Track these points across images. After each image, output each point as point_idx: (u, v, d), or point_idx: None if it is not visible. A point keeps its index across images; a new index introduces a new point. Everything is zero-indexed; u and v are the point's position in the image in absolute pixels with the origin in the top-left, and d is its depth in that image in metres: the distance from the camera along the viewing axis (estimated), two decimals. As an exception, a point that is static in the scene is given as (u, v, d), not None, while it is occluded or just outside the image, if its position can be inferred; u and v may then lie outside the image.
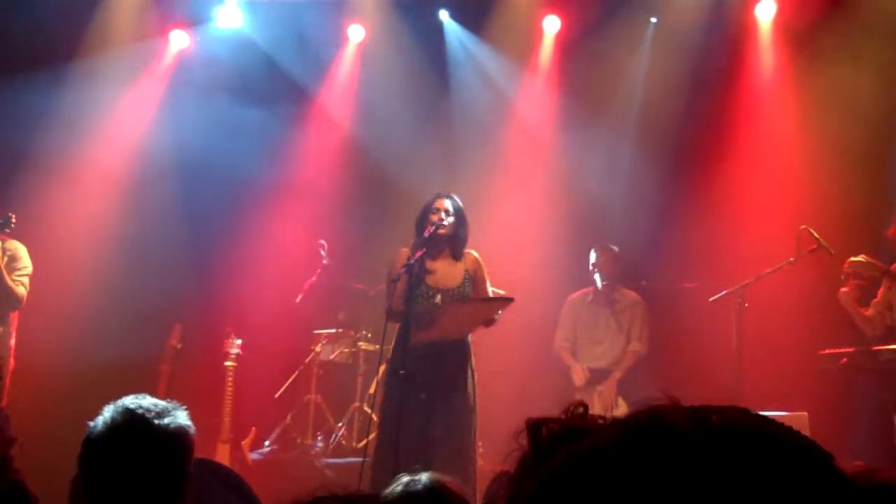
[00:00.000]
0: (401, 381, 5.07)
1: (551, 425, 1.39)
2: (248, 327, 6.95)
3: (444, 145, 7.73)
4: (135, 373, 6.13)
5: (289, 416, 7.15)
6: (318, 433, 7.13)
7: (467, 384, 5.29)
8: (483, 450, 5.35)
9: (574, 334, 6.80)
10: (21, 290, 6.02)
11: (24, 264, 6.09)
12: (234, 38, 7.78)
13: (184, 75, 7.73)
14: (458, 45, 8.06)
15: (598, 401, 6.41)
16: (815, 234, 5.79)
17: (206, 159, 7.26)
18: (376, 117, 7.90)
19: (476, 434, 5.30)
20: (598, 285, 6.76)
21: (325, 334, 7.39)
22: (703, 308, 6.32)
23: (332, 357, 7.37)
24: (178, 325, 6.66)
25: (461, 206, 5.44)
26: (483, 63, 7.98)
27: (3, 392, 5.41)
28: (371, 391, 6.82)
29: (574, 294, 6.91)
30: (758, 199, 7.06)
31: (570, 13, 7.77)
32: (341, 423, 7.05)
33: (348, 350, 7.41)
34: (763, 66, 7.48)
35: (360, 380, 7.24)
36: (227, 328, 6.80)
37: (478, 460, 5.38)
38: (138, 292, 7.11)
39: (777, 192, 7.03)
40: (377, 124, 7.89)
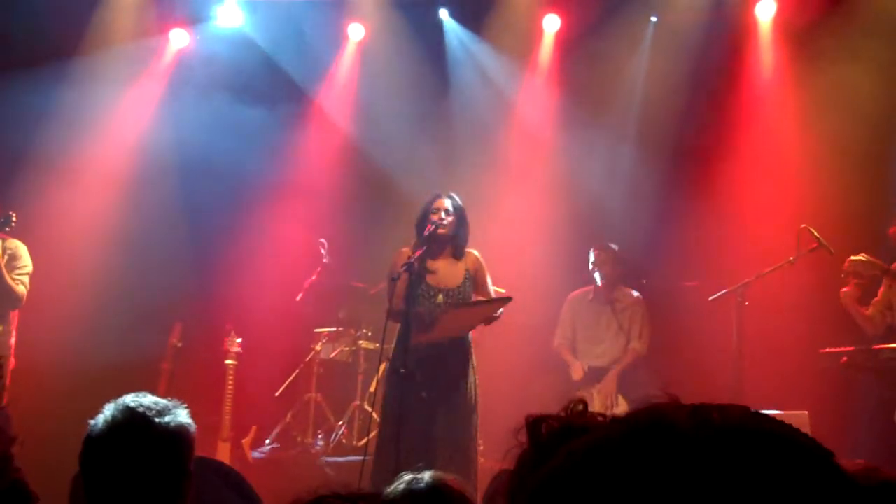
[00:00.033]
0: (401, 380, 5.07)
1: (551, 422, 1.39)
2: (249, 326, 6.95)
3: (443, 144, 7.72)
4: (135, 371, 6.13)
5: (289, 415, 7.15)
6: (319, 432, 7.13)
7: (468, 383, 5.28)
8: (484, 448, 5.35)
9: (573, 332, 6.80)
10: (21, 289, 6.02)
11: (24, 263, 6.09)
12: (234, 37, 7.77)
13: (184, 74, 7.73)
14: (457, 44, 8.05)
15: (598, 398, 6.41)
16: (816, 233, 5.79)
17: (207, 158, 7.26)
18: (376, 116, 7.90)
19: (477, 433, 5.29)
20: (599, 284, 6.76)
21: (326, 333, 7.39)
22: (704, 307, 6.32)
23: (333, 355, 7.37)
24: (179, 324, 6.66)
25: (461, 206, 5.42)
26: (483, 62, 7.97)
27: (3, 391, 5.40)
28: (371, 390, 6.83)
29: (574, 292, 6.91)
30: (758, 198, 7.06)
31: (570, 12, 7.76)
32: (342, 422, 7.05)
33: (349, 348, 7.41)
34: (763, 66, 7.48)
35: (360, 378, 7.24)
36: (227, 326, 6.80)
37: (479, 459, 5.37)
38: (139, 291, 7.11)
39: (777, 191, 7.03)
40: (377, 123, 7.88)
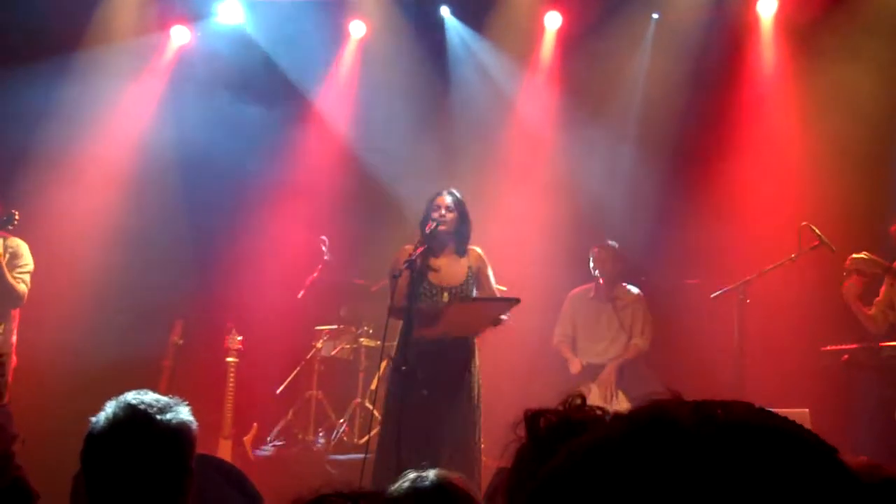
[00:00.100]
0: (403, 378, 5.06)
1: (549, 417, 1.39)
2: (250, 323, 6.95)
3: (444, 142, 7.72)
4: (136, 369, 6.13)
5: (290, 413, 7.15)
6: (320, 429, 7.13)
7: (472, 381, 5.25)
8: (486, 446, 5.34)
9: (574, 330, 6.79)
10: (22, 287, 6.04)
11: (26, 262, 6.10)
12: (234, 34, 7.76)
13: (185, 71, 7.72)
14: (458, 42, 8.04)
15: (597, 391, 6.40)
16: (817, 230, 5.78)
17: (208, 155, 7.26)
18: (377, 114, 7.89)
19: (480, 431, 5.27)
20: (599, 282, 6.76)
21: (327, 330, 7.38)
22: (705, 304, 6.31)
23: (334, 353, 7.37)
24: (180, 322, 6.67)
25: (463, 202, 5.40)
26: (484, 60, 7.96)
27: (5, 389, 5.41)
28: (373, 387, 6.83)
29: (575, 290, 6.90)
30: (759, 195, 7.05)
31: (571, 9, 7.75)
32: (343, 420, 7.05)
33: (350, 346, 7.41)
34: (764, 64, 7.47)
35: (361, 376, 7.24)
36: (228, 324, 6.81)
37: (482, 458, 5.35)
38: (139, 288, 7.11)
39: (778, 189, 7.02)
40: (377, 121, 7.88)
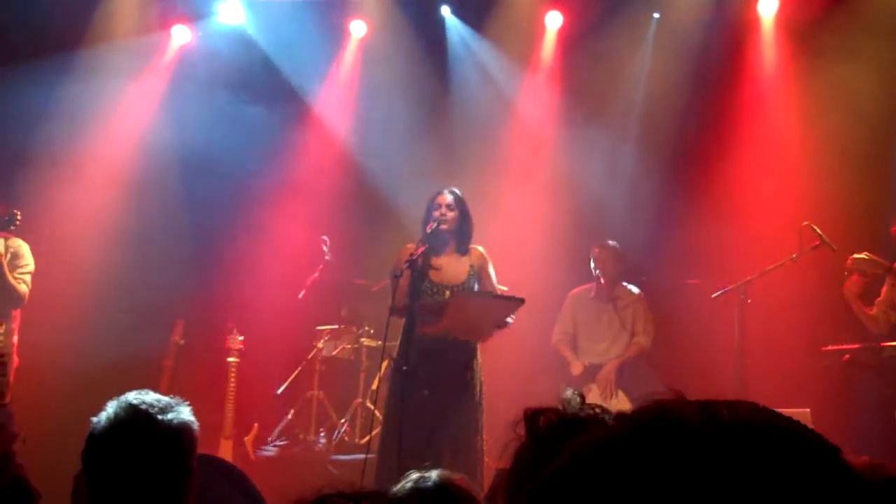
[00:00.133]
0: (404, 378, 5.05)
1: (549, 416, 1.39)
2: (251, 323, 6.95)
3: (444, 142, 7.71)
4: (137, 369, 6.13)
5: (291, 413, 7.15)
6: (321, 429, 7.13)
7: (473, 381, 5.22)
8: (488, 446, 5.33)
9: (574, 329, 6.78)
10: (23, 287, 6.05)
11: (27, 262, 6.11)
12: (235, 34, 7.76)
13: (185, 70, 7.72)
14: (459, 42, 8.04)
15: (596, 388, 6.40)
16: (818, 230, 5.78)
17: (209, 155, 7.25)
18: (377, 113, 7.89)
19: (483, 431, 5.25)
20: (600, 282, 6.75)
21: (328, 330, 7.38)
22: (706, 304, 6.31)
23: (335, 353, 7.37)
24: (181, 322, 6.67)
25: (464, 201, 5.38)
26: (484, 59, 7.96)
27: (6, 389, 5.41)
28: (374, 387, 6.83)
29: (576, 290, 6.89)
30: (760, 195, 7.05)
31: (572, 9, 7.75)
32: (344, 420, 7.05)
33: (351, 346, 7.41)
34: (765, 63, 7.46)
35: (362, 376, 7.24)
36: (229, 324, 6.81)
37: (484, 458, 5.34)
38: (140, 288, 7.11)
39: (779, 188, 7.01)
40: (378, 120, 7.88)
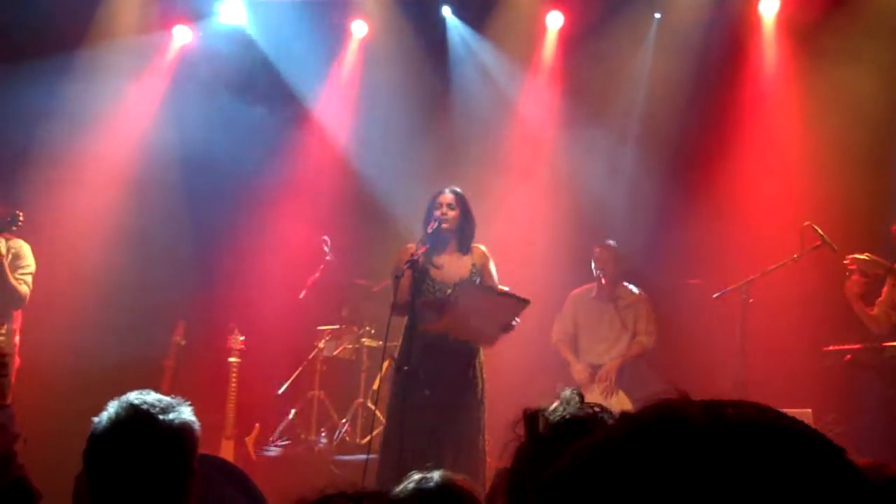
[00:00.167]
0: (404, 378, 5.05)
1: (547, 415, 1.39)
2: (252, 323, 6.95)
3: (445, 142, 7.72)
4: (139, 369, 6.13)
5: (292, 413, 7.15)
6: (322, 429, 7.13)
7: (475, 380, 5.21)
8: (489, 447, 5.32)
9: (574, 329, 6.78)
10: (24, 288, 6.09)
11: (27, 262, 6.14)
12: (236, 34, 7.76)
13: (187, 71, 7.72)
14: (460, 42, 8.04)
15: (597, 388, 6.40)
16: (819, 230, 5.77)
17: (210, 155, 7.25)
18: (378, 113, 7.89)
19: (485, 431, 5.24)
20: (601, 282, 6.75)
21: (329, 330, 7.38)
22: (707, 304, 6.30)
23: (336, 353, 7.37)
24: (182, 322, 6.67)
25: (465, 199, 5.36)
26: (485, 60, 7.96)
27: (7, 390, 5.41)
28: (374, 387, 6.82)
29: (576, 290, 6.89)
30: (761, 195, 7.04)
31: (573, 9, 7.74)
32: (345, 420, 7.05)
33: (352, 346, 7.41)
34: (766, 64, 7.46)
35: (363, 376, 7.25)
36: (230, 324, 6.81)
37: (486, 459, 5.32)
38: (141, 289, 7.11)
39: (780, 188, 7.01)
40: (379, 120, 7.88)
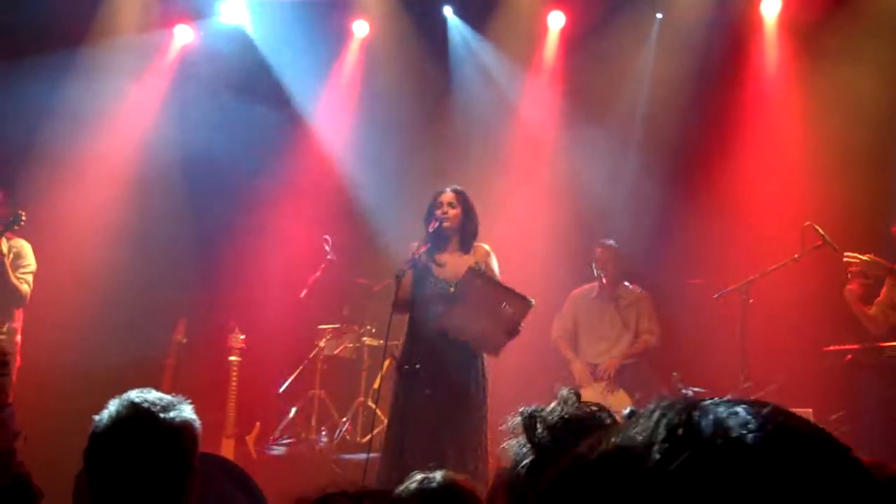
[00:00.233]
0: (405, 377, 5.05)
1: (546, 415, 1.39)
2: (253, 322, 6.95)
3: (446, 142, 7.72)
4: (139, 367, 6.13)
5: (293, 411, 7.16)
6: (323, 428, 7.14)
7: (477, 380, 5.20)
8: (491, 447, 5.31)
9: (574, 327, 6.78)
10: (25, 287, 6.13)
11: (28, 262, 6.18)
12: (237, 34, 7.77)
13: (188, 70, 7.73)
14: (461, 42, 8.04)
15: (597, 386, 6.40)
16: (820, 230, 5.77)
17: (211, 154, 7.26)
18: (379, 113, 7.89)
19: (487, 431, 5.24)
20: (602, 281, 6.75)
21: (330, 329, 7.39)
22: (708, 304, 6.30)
23: (337, 352, 7.38)
24: (183, 321, 6.67)
25: (467, 198, 5.33)
26: (486, 60, 7.96)
27: (9, 389, 5.42)
28: (375, 386, 6.82)
29: (577, 290, 6.89)
30: (762, 195, 7.04)
31: (574, 9, 7.75)
32: (345, 418, 7.06)
33: (352, 345, 7.41)
34: (767, 64, 7.46)
35: (364, 375, 7.25)
36: (231, 323, 6.81)
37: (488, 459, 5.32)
38: (142, 287, 7.12)
39: (781, 188, 7.01)
40: (380, 120, 7.88)
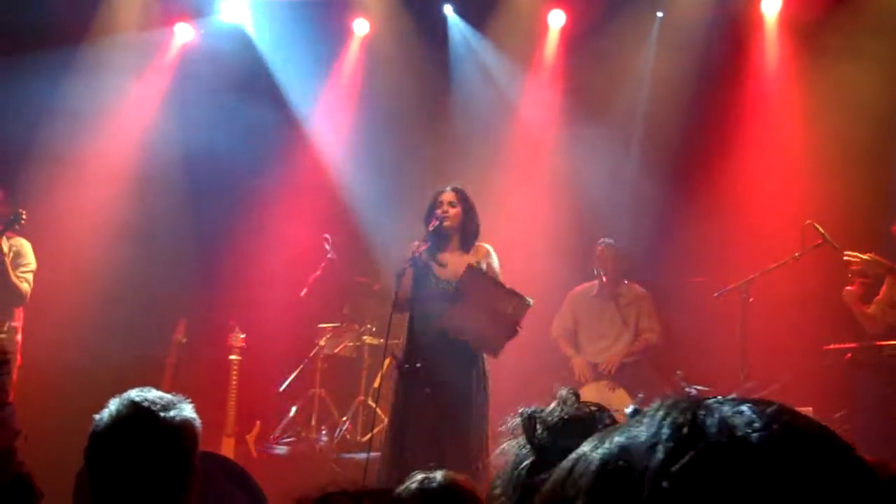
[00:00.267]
0: (406, 377, 5.05)
1: (545, 416, 1.39)
2: (253, 321, 6.95)
3: (446, 141, 7.72)
4: (140, 366, 6.13)
5: (293, 410, 7.16)
6: (323, 427, 7.14)
7: (478, 379, 5.20)
8: (491, 446, 5.31)
9: (574, 326, 6.79)
10: (25, 286, 6.14)
11: (28, 261, 6.18)
12: (237, 33, 7.77)
13: (188, 69, 7.72)
14: (461, 41, 8.04)
15: (597, 385, 6.40)
16: (821, 229, 5.77)
17: (211, 153, 7.26)
18: (379, 112, 7.89)
19: (488, 430, 5.23)
20: (603, 280, 6.75)
21: (330, 328, 7.39)
22: (708, 303, 6.30)
23: (337, 351, 7.38)
24: (183, 320, 6.67)
25: (467, 197, 5.33)
26: (487, 59, 7.96)
27: (9, 388, 5.43)
28: (375, 385, 6.83)
29: (577, 288, 6.89)
30: (762, 194, 7.04)
31: (575, 8, 7.74)
32: (346, 417, 7.06)
33: (352, 344, 7.41)
34: (768, 62, 7.46)
35: (364, 374, 7.25)
36: (231, 322, 6.81)
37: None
38: (143, 286, 7.12)
39: (782, 187, 7.01)
40: (380, 119, 7.88)
